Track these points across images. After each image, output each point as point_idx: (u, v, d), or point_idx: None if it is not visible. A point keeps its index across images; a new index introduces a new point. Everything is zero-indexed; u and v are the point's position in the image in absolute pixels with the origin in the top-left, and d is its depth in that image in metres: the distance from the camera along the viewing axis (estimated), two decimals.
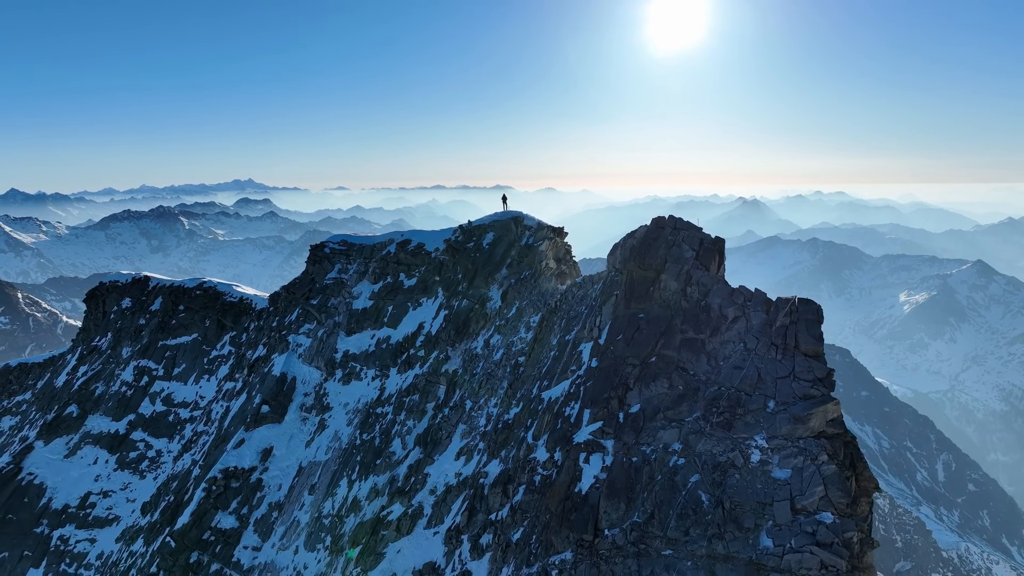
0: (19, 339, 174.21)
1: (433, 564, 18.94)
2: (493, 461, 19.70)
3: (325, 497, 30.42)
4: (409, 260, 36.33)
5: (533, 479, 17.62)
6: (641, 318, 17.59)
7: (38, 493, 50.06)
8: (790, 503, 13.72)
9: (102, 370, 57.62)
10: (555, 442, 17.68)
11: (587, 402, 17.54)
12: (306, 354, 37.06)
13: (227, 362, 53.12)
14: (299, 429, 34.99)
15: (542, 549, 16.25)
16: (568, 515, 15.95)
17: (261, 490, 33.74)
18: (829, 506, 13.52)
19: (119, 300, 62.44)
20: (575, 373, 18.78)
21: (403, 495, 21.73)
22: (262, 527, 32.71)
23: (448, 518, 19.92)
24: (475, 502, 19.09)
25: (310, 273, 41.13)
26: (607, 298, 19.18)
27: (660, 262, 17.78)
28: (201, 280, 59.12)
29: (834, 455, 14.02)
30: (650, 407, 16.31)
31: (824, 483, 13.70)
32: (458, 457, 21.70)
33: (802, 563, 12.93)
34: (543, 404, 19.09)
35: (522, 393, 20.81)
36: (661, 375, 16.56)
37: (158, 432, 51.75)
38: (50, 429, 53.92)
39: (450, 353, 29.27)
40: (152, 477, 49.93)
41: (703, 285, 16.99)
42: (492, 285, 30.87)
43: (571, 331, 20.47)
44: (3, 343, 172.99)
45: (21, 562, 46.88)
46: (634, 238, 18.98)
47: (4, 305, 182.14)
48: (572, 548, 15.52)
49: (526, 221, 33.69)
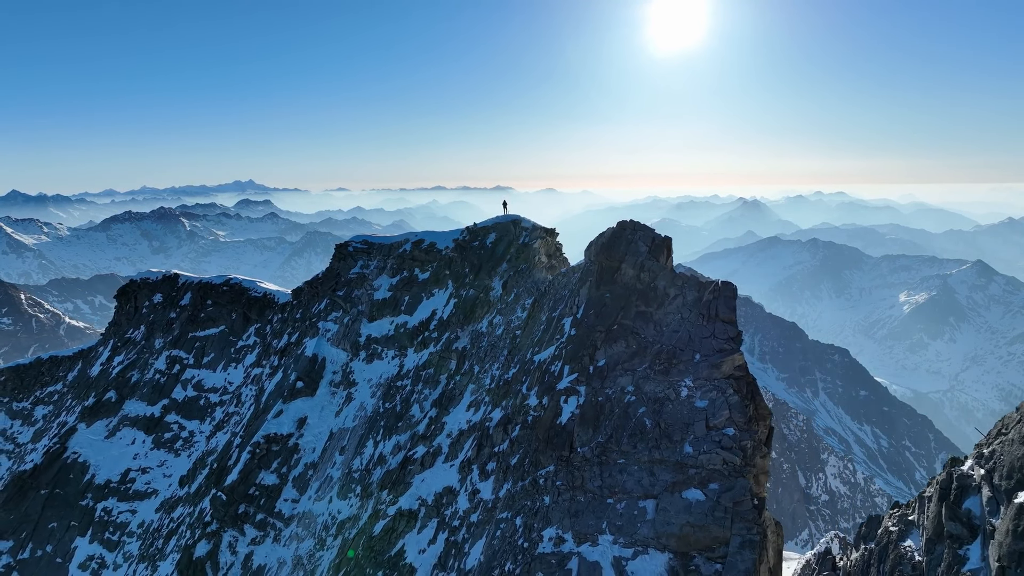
0: (22, 340, 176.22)
1: (450, 488, 24.77)
2: (496, 410, 25.52)
3: (354, 456, 36.22)
4: (423, 257, 42.17)
5: (526, 419, 23.45)
6: (607, 297, 23.39)
7: (82, 470, 55.42)
8: (705, 422, 19.44)
9: (137, 359, 63.30)
10: (543, 391, 23.52)
11: (567, 360, 23.36)
12: (334, 338, 42.89)
13: (253, 351, 58.87)
14: (329, 401, 40.74)
15: (532, 466, 22.07)
16: (551, 440, 21.77)
17: (298, 453, 39.52)
18: (732, 424, 19.20)
19: (150, 295, 68.16)
20: (558, 340, 24.62)
21: (425, 439, 27.51)
22: (299, 483, 38.48)
23: (461, 454, 25.73)
24: (482, 440, 24.91)
25: (335, 268, 46.98)
26: (583, 283, 25.02)
27: (622, 255, 23.60)
28: (227, 277, 65.04)
29: (737, 390, 19.74)
30: (612, 361, 22.11)
31: (729, 408, 19.41)
32: (468, 409, 27.47)
33: (710, 460, 18.65)
34: (535, 364, 24.92)
35: (518, 358, 26.65)
36: (620, 338, 22.36)
37: (190, 415, 57.39)
38: (91, 413, 59.41)
39: (459, 333, 35.10)
40: (186, 455, 55.58)
41: (653, 272, 22.82)
42: (494, 277, 36.69)
43: (556, 309, 26.30)
44: (6, 344, 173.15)
45: (69, 531, 52.33)
46: (604, 237, 24.82)
47: (7, 306, 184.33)
48: (554, 463, 21.33)
49: (523, 223, 39.58)
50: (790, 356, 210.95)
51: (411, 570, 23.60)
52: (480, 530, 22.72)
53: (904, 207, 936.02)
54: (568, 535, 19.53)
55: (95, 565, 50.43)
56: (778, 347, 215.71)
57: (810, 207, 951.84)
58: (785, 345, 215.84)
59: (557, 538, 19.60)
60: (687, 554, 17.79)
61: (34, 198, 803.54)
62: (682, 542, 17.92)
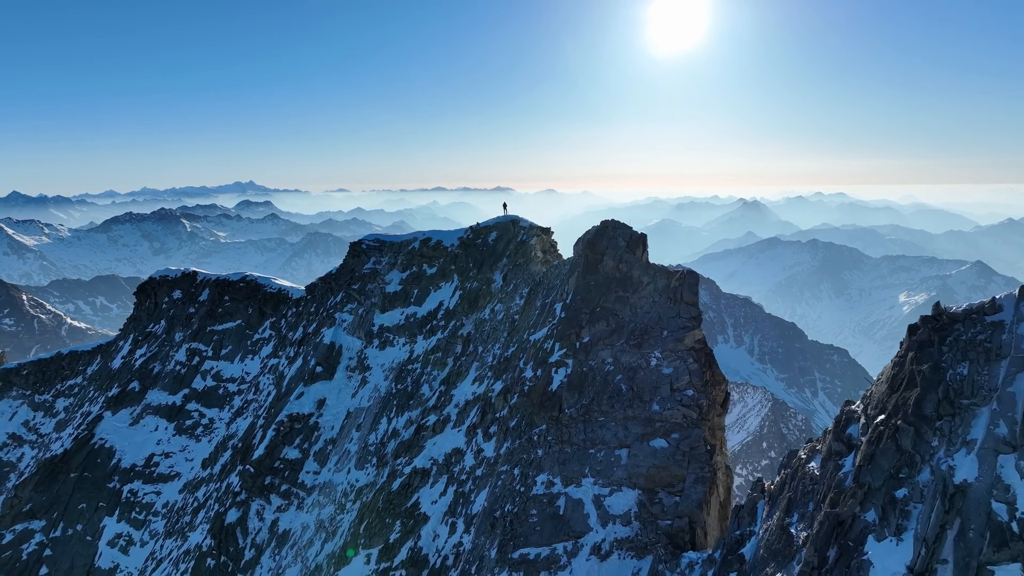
0: (24, 341, 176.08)
1: (458, 448, 29.00)
2: (497, 382, 29.74)
3: (370, 431, 40.41)
4: (430, 253, 46.42)
5: (523, 388, 27.67)
6: (592, 285, 27.60)
7: (109, 455, 59.24)
8: (670, 386, 23.62)
9: (158, 352, 67.31)
10: (537, 364, 27.74)
11: (557, 338, 27.59)
12: (349, 327, 47.10)
13: (268, 343, 62.89)
14: (346, 384, 44.88)
15: (527, 426, 26.30)
16: (544, 404, 26.00)
17: (318, 430, 43.67)
18: (691, 386, 23.37)
19: (170, 292, 72.18)
20: (551, 322, 28.85)
21: (436, 409, 31.72)
22: (320, 457, 42.65)
23: (467, 420, 29.95)
24: (486, 408, 29.13)
25: (350, 264, 51.22)
26: (572, 274, 29.24)
27: (604, 249, 27.83)
28: (243, 274, 69.21)
29: (697, 359, 23.92)
30: (595, 338, 26.33)
31: (689, 374, 23.59)
32: (473, 383, 31.64)
33: (673, 416, 22.84)
34: (530, 343, 29.15)
35: (516, 338, 30.85)
36: (602, 319, 26.58)
37: (210, 403, 61.33)
38: (116, 402, 63.25)
39: (464, 321, 39.30)
40: (207, 440, 59.54)
41: (629, 263, 27.04)
42: (495, 271, 40.90)
43: (549, 296, 30.52)
44: (8, 344, 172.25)
45: (97, 512, 56.10)
46: (589, 234, 29.08)
47: (9, 307, 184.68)
48: (546, 422, 25.57)
49: (521, 223, 43.90)
50: (790, 356, 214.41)
51: (425, 518, 27.83)
52: (484, 482, 26.90)
53: (904, 208, 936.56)
54: (557, 479, 23.80)
55: (123, 542, 54.11)
56: (778, 347, 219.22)
57: (810, 208, 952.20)
58: (785, 345, 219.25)
59: (548, 482, 23.87)
60: (652, 490, 22.05)
61: (35, 199, 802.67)
62: (649, 480, 22.18)
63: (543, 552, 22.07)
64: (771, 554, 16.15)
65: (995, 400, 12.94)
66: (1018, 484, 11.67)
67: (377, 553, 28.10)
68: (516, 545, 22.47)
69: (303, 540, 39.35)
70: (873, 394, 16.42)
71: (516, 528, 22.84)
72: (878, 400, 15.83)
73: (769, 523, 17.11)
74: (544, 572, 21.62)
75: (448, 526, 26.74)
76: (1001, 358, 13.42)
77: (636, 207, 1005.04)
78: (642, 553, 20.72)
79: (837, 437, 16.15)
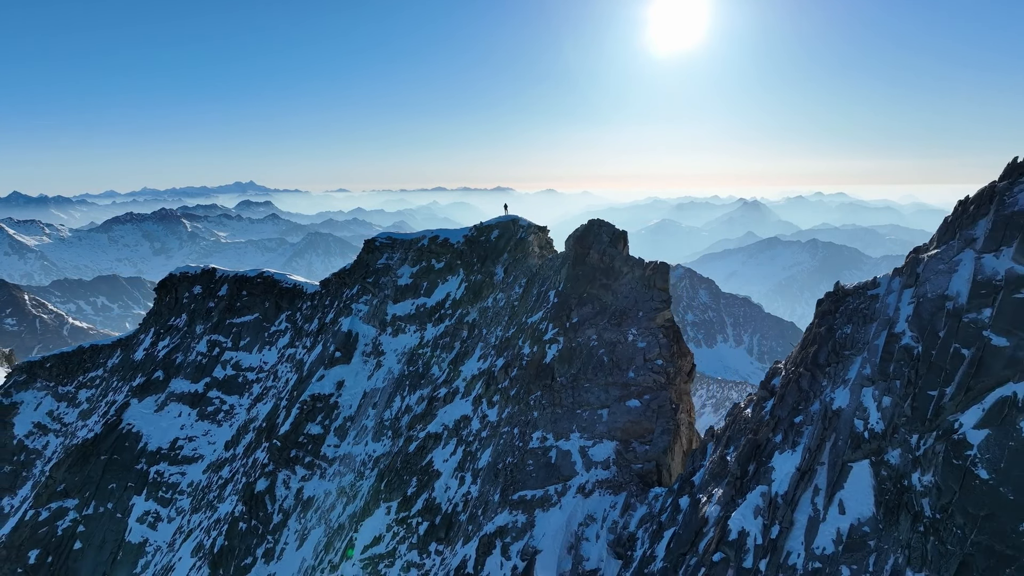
0: (26, 340, 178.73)
1: (466, 415, 33.85)
2: (500, 359, 34.60)
3: (385, 409, 45.25)
4: (438, 250, 51.25)
5: (522, 362, 32.53)
6: (580, 274, 32.46)
7: (136, 439, 63.82)
8: (643, 357, 28.43)
9: (180, 343, 72.03)
10: (533, 342, 32.59)
11: (550, 320, 32.44)
12: (364, 317, 51.95)
13: (285, 335, 67.66)
14: (362, 368, 49.66)
15: (525, 393, 31.15)
16: (539, 374, 30.84)
17: (337, 408, 48.47)
18: (661, 357, 28.17)
19: (190, 287, 76.93)
20: (545, 307, 33.72)
21: (446, 383, 36.58)
22: (340, 432, 47.45)
23: (474, 391, 34.81)
24: (489, 380, 33.98)
25: (364, 259, 56.08)
26: (563, 265, 34.11)
27: (590, 244, 32.69)
28: (260, 270, 74.04)
29: (666, 335, 28.74)
30: (582, 319, 31.18)
31: (659, 347, 28.40)
32: (479, 360, 36.47)
33: (645, 381, 27.64)
34: (528, 325, 34.01)
35: (516, 321, 35.72)
36: (588, 303, 31.44)
37: (230, 391, 66.04)
38: (141, 390, 67.88)
39: (469, 310, 44.15)
40: (228, 425, 64.28)
41: (612, 256, 31.91)
42: (497, 265, 45.75)
43: (544, 285, 35.40)
44: (11, 344, 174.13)
45: (127, 491, 60.69)
46: (578, 231, 33.97)
47: (11, 307, 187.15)
48: (540, 389, 30.41)
49: (521, 222, 48.77)
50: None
51: (438, 474, 32.67)
52: (488, 441, 31.71)
53: (904, 208, 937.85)
54: (550, 435, 28.64)
55: (151, 519, 58.73)
56: (777, 347, 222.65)
57: (810, 208, 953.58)
58: (784, 345, 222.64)
59: (542, 438, 28.71)
60: (627, 441, 26.88)
61: (35, 199, 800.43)
62: (625, 433, 27.01)
63: (538, 493, 26.89)
64: (712, 477, 20.99)
65: (866, 350, 17.72)
66: (871, 406, 16.40)
67: (396, 505, 32.91)
68: (515, 489, 27.28)
69: (326, 505, 44.19)
70: (794, 354, 21.28)
71: (515, 475, 27.65)
72: (794, 357, 20.69)
73: (713, 456, 21.95)
74: (538, 509, 26.44)
75: (458, 479, 31.56)
76: (873, 321, 18.21)
77: (636, 207, 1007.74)
78: (618, 490, 25.53)
79: (764, 387, 20.99)
